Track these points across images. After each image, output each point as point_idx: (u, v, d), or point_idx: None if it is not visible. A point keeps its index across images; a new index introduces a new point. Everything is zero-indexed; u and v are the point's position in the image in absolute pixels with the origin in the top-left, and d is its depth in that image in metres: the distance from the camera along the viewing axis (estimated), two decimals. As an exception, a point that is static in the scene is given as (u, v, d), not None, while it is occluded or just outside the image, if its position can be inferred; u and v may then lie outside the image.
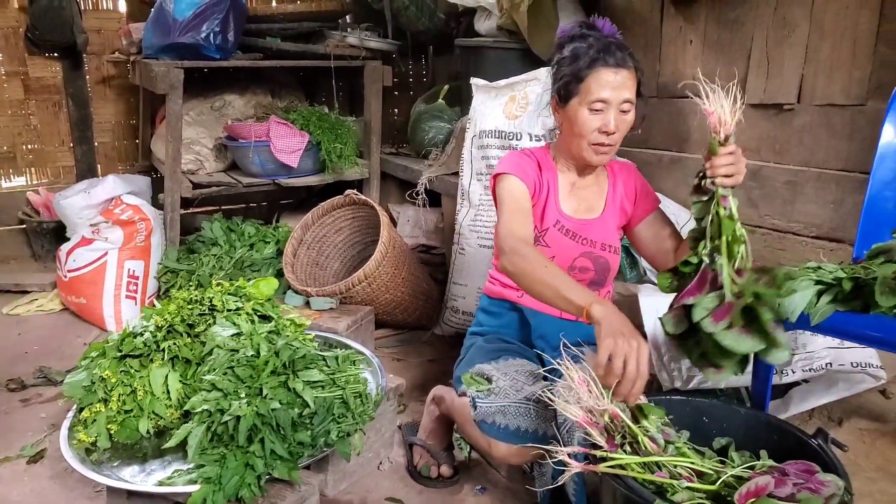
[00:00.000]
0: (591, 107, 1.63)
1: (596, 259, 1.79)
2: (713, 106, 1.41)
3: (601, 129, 1.64)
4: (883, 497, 1.67)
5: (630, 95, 1.64)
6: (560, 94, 1.70)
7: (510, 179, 1.72)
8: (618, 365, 1.26)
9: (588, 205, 1.82)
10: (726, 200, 1.42)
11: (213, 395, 1.56)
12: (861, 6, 2.30)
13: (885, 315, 1.33)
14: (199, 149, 3.35)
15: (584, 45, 1.66)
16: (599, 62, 1.62)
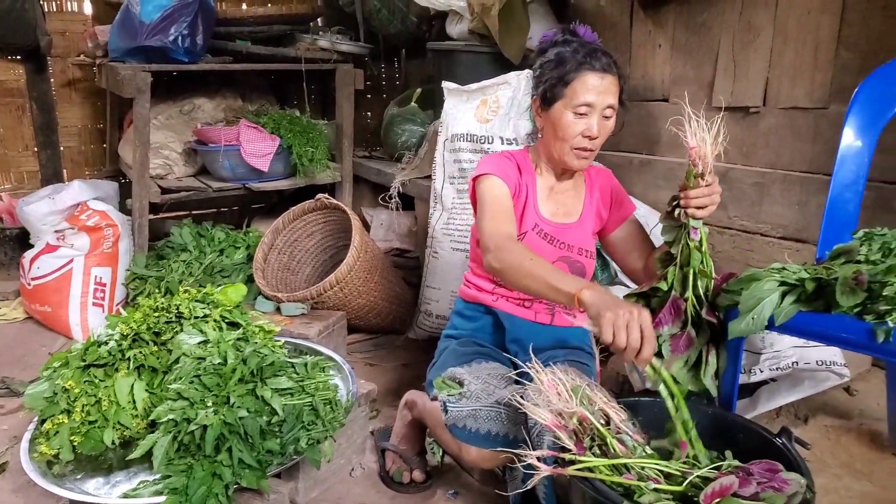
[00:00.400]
0: (576, 110, 1.65)
1: (573, 263, 1.80)
2: (694, 140, 1.43)
3: (584, 133, 1.66)
4: (847, 493, 1.69)
5: (614, 101, 1.67)
6: (545, 96, 1.70)
7: (491, 179, 1.72)
8: (622, 337, 1.27)
9: (566, 209, 1.82)
10: (696, 232, 1.47)
11: (179, 405, 1.53)
12: (822, 11, 2.34)
13: (846, 315, 1.35)
14: (167, 153, 3.30)
15: (568, 50, 1.67)
16: (586, 66, 1.64)
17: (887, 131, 1.81)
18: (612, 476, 1.20)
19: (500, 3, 2.85)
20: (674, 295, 1.50)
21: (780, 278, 1.47)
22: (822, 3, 2.34)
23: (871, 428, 1.95)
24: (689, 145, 1.44)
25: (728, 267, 2.66)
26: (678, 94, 2.87)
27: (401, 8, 3.63)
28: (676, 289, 1.51)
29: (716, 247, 2.71)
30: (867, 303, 1.35)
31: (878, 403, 2.02)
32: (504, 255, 1.53)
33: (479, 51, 3.05)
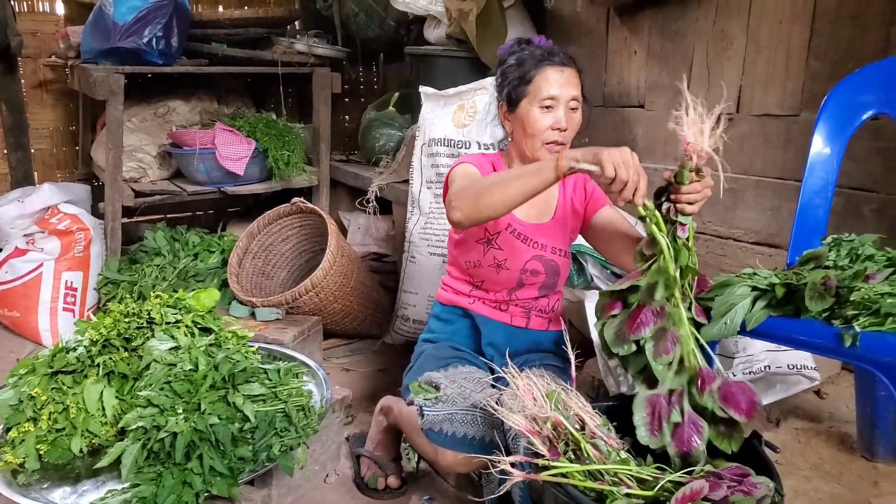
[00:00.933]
0: (542, 104, 1.68)
1: (547, 262, 1.80)
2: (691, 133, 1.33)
3: (553, 126, 1.68)
4: (817, 495, 1.71)
5: (577, 93, 1.71)
6: (510, 98, 1.74)
7: (465, 165, 1.74)
8: (623, 171, 1.31)
9: (539, 210, 1.83)
10: (684, 229, 1.39)
11: (148, 412, 1.51)
12: (793, 21, 2.38)
13: (815, 319, 1.36)
14: (141, 156, 3.27)
15: (526, 52, 1.73)
16: (545, 62, 1.69)
17: (855, 139, 1.84)
18: (585, 481, 1.20)
19: (477, 9, 2.86)
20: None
21: (752, 283, 1.48)
22: (792, 14, 2.38)
23: (841, 430, 1.97)
24: (685, 139, 1.34)
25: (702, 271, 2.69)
26: (653, 100, 2.90)
27: (378, 12, 3.62)
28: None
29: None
30: (835, 308, 1.36)
31: (848, 406, 2.05)
32: (465, 194, 1.52)
33: (457, 56, 3.06)
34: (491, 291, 1.80)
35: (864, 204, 2.24)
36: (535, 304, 1.82)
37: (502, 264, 1.75)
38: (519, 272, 1.76)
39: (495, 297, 1.80)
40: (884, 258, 1.45)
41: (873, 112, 1.77)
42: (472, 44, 2.92)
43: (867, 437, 1.85)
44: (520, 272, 1.76)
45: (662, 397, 1.28)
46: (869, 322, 1.28)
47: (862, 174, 2.23)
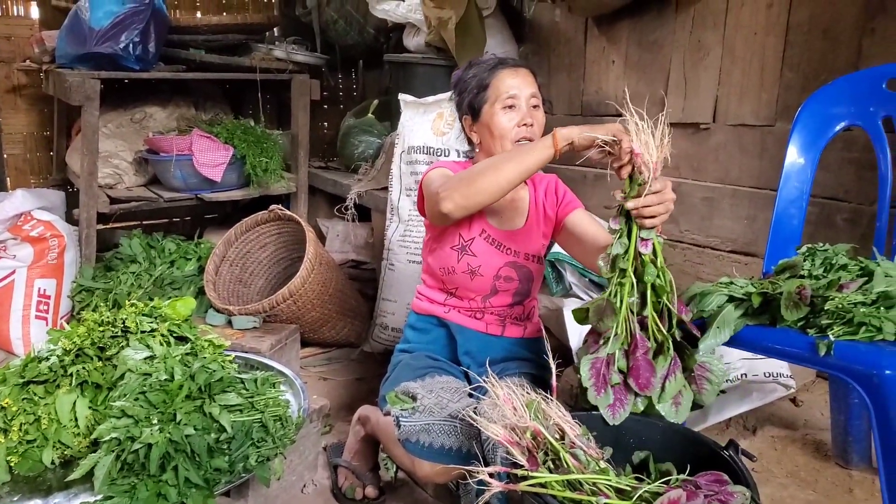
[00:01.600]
0: (504, 104, 1.70)
1: (520, 269, 1.81)
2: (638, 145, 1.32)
3: (520, 122, 1.70)
4: (793, 502, 1.73)
5: (535, 90, 1.73)
6: (472, 108, 1.76)
7: (439, 169, 1.76)
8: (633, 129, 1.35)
9: (511, 216, 1.83)
10: (645, 244, 1.35)
11: (122, 422, 1.48)
12: (767, 33, 2.41)
13: (791, 328, 1.38)
14: (117, 162, 3.23)
15: (479, 64, 1.77)
16: (499, 66, 1.74)
17: (828, 150, 1.87)
18: (564, 491, 1.19)
19: (456, 17, 2.87)
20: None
21: (728, 293, 1.50)
22: (767, 26, 2.42)
23: (816, 438, 2.00)
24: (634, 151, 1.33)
25: (680, 280, 2.71)
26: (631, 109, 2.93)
27: (358, 19, 3.62)
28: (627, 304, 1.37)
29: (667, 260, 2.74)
30: (810, 317, 1.38)
31: (823, 414, 2.08)
32: (454, 184, 1.54)
33: (436, 64, 3.06)
34: (465, 299, 1.80)
35: (838, 213, 2.27)
36: (509, 312, 1.82)
37: (476, 271, 1.75)
38: (492, 279, 1.76)
39: (470, 304, 1.80)
40: (857, 268, 1.47)
41: (846, 124, 1.80)
42: (451, 52, 2.93)
43: (841, 444, 1.87)
44: (493, 279, 1.76)
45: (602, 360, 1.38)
46: (843, 331, 1.29)
47: (835, 184, 2.27)
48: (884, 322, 1.26)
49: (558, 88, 3.26)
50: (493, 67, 1.74)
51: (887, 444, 1.19)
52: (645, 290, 1.37)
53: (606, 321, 1.37)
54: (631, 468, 1.41)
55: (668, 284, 1.37)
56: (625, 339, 1.38)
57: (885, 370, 1.17)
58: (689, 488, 1.14)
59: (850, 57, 2.21)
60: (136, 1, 2.76)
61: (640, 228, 1.36)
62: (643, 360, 1.37)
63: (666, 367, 1.38)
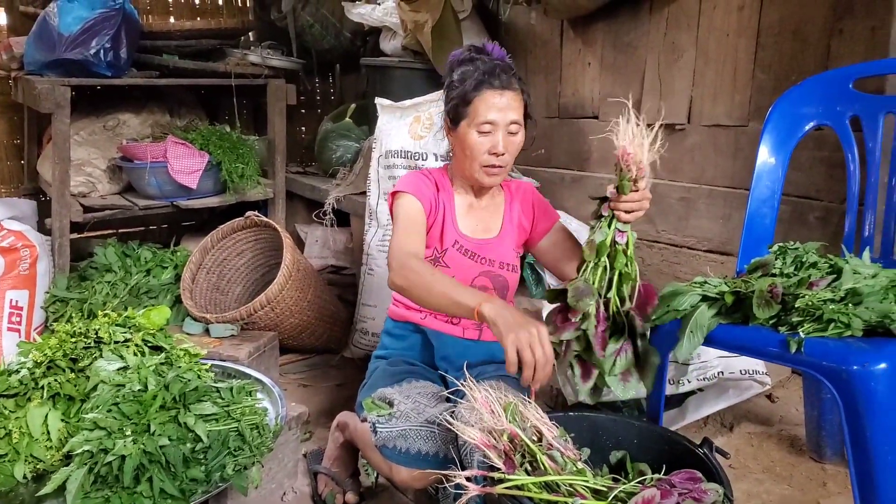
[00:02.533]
0: (479, 129, 1.66)
1: (495, 278, 1.81)
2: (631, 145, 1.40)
3: (490, 150, 1.67)
4: (769, 497, 1.75)
5: (517, 117, 1.68)
6: (450, 116, 1.72)
7: (406, 198, 1.73)
8: (528, 356, 1.31)
9: (485, 225, 1.83)
10: (622, 235, 1.47)
11: (95, 434, 1.46)
12: (739, 35, 2.44)
13: (763, 326, 1.39)
14: (90, 170, 3.19)
15: (471, 69, 1.69)
16: (485, 84, 1.65)
17: (800, 149, 1.89)
18: (541, 493, 1.20)
19: (432, 21, 2.87)
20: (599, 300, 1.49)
21: (702, 292, 1.51)
22: (739, 28, 2.45)
23: (791, 433, 2.02)
24: (624, 149, 1.41)
25: (657, 279, 2.74)
26: (607, 111, 2.95)
27: (334, 24, 3.61)
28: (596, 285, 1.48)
29: (645, 260, 2.78)
30: (781, 314, 1.40)
31: (797, 409, 2.10)
32: (407, 273, 1.54)
33: (413, 67, 3.06)
34: None
35: (809, 212, 2.30)
36: None
37: None
38: None
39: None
40: (826, 265, 1.49)
41: (815, 123, 1.83)
42: (427, 55, 2.93)
43: (815, 439, 1.89)
44: None
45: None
46: (813, 328, 1.31)
47: (806, 183, 2.30)
48: (852, 318, 1.28)
49: (535, 91, 3.27)
50: (480, 83, 1.65)
51: (856, 437, 1.20)
52: (613, 276, 1.48)
53: (585, 301, 1.45)
54: (608, 468, 1.42)
55: (633, 273, 1.48)
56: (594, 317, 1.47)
57: (852, 366, 1.19)
58: (664, 487, 1.15)
59: (820, 58, 2.24)
60: (106, 6, 2.72)
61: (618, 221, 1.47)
62: (601, 335, 1.47)
63: (619, 345, 1.48)
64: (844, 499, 1.71)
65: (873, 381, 1.19)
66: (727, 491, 1.15)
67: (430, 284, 1.49)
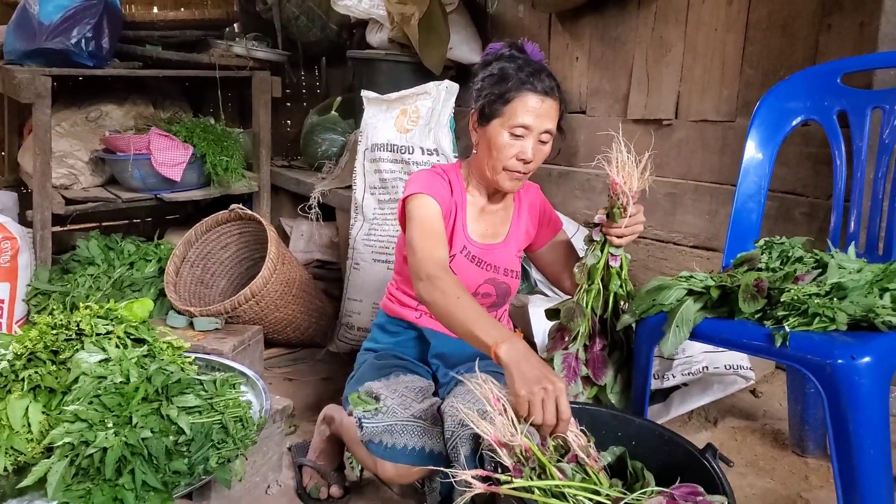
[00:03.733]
0: (513, 131, 1.60)
1: (499, 285, 1.80)
2: (620, 176, 1.47)
3: (518, 156, 1.61)
4: (752, 490, 1.76)
5: (552, 126, 1.63)
6: (482, 112, 1.64)
7: (425, 199, 1.65)
8: (538, 415, 1.21)
9: (494, 230, 1.81)
10: (615, 259, 1.55)
11: (76, 427, 1.44)
12: (728, 30, 2.45)
13: (748, 320, 1.39)
14: (73, 162, 3.15)
15: (513, 66, 1.62)
16: (528, 86, 1.59)
17: (786, 144, 1.90)
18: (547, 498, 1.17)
19: (419, 13, 2.85)
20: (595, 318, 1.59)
21: (688, 286, 1.51)
22: (727, 22, 2.45)
23: (775, 427, 2.03)
24: (614, 181, 1.47)
25: (643, 275, 2.74)
26: (595, 105, 2.94)
27: (320, 15, 3.59)
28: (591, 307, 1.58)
29: (631, 255, 2.78)
30: (767, 309, 1.40)
31: (781, 404, 2.11)
32: (434, 290, 1.47)
33: (400, 60, 3.05)
34: None
35: (796, 207, 2.31)
36: None
37: None
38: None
39: None
40: (812, 260, 1.49)
41: (802, 118, 1.83)
42: (414, 48, 2.91)
43: (798, 433, 1.90)
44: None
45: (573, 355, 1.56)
46: (798, 322, 1.31)
47: (793, 178, 2.31)
48: (837, 313, 1.28)
49: (522, 85, 3.26)
50: (523, 83, 1.58)
51: (839, 431, 1.21)
52: (608, 297, 1.56)
53: (576, 321, 1.55)
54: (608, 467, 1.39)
55: (627, 295, 1.58)
56: (585, 335, 1.56)
57: (837, 359, 1.19)
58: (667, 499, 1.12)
59: (808, 53, 2.25)
60: (87, -5, 2.69)
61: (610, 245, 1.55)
62: (599, 355, 1.56)
63: (619, 363, 1.58)
64: (826, 492, 1.72)
65: (857, 375, 1.19)
66: (731, 501, 1.13)
67: (454, 310, 1.42)
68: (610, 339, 1.59)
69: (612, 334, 1.59)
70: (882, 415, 1.23)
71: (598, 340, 1.56)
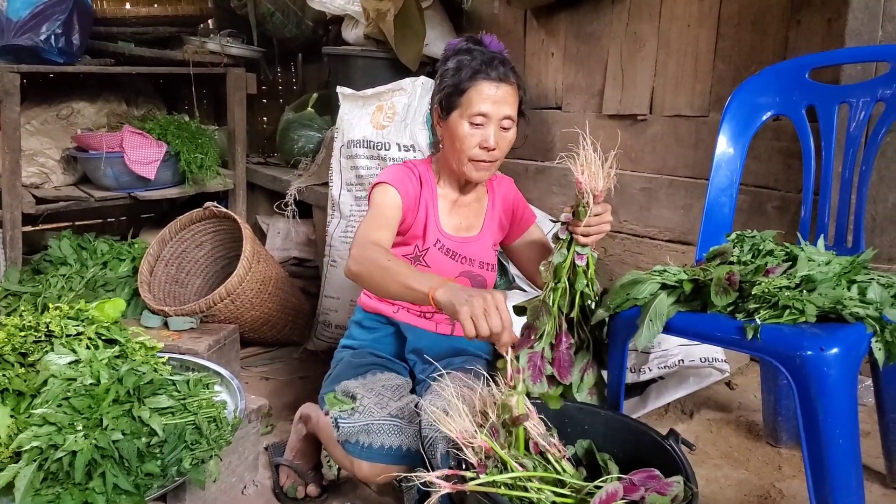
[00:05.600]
0: (472, 120, 1.62)
1: (474, 277, 1.80)
2: (584, 175, 1.46)
3: (481, 144, 1.63)
4: (727, 482, 1.77)
5: (511, 112, 1.65)
6: (441, 105, 1.68)
7: (386, 189, 1.68)
8: (483, 327, 1.25)
9: (468, 223, 1.81)
10: (581, 258, 1.53)
11: (44, 430, 1.42)
12: (700, 25, 2.46)
13: (720, 314, 1.40)
14: (43, 160, 3.10)
15: (468, 58, 1.64)
16: (481, 74, 1.62)
17: (758, 139, 1.92)
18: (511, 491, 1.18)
19: (395, 9, 2.84)
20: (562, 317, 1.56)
21: (661, 280, 1.52)
22: (700, 17, 2.46)
23: (749, 419, 2.05)
24: (577, 180, 1.47)
25: (619, 269, 2.76)
26: (570, 101, 2.95)
27: (295, 12, 3.56)
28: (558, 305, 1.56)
29: (608, 250, 2.80)
30: (739, 302, 1.41)
31: (755, 396, 2.13)
32: (362, 259, 1.50)
33: (376, 56, 3.03)
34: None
35: (768, 201, 2.34)
36: None
37: None
38: None
39: (420, 307, 1.78)
40: (782, 253, 1.51)
41: (772, 113, 1.84)
42: (390, 44, 2.90)
43: (771, 424, 1.92)
44: None
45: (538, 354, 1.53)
46: (768, 315, 1.32)
47: (765, 172, 2.33)
48: (806, 305, 1.30)
49: (498, 81, 3.26)
50: (476, 72, 1.62)
51: (809, 421, 1.22)
52: (575, 296, 1.54)
53: (542, 320, 1.53)
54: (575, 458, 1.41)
55: (594, 294, 1.56)
56: (552, 334, 1.54)
57: (806, 351, 1.21)
58: (627, 483, 1.14)
59: (778, 48, 2.27)
60: (57, -9, 2.65)
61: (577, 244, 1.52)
62: (566, 354, 1.54)
63: (585, 362, 1.57)
64: (799, 482, 1.74)
65: (826, 366, 1.21)
66: (692, 482, 1.15)
67: (386, 272, 1.45)
68: (577, 339, 1.58)
69: (578, 333, 1.58)
70: (850, 404, 1.25)
71: (565, 339, 1.55)
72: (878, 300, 1.32)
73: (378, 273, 1.46)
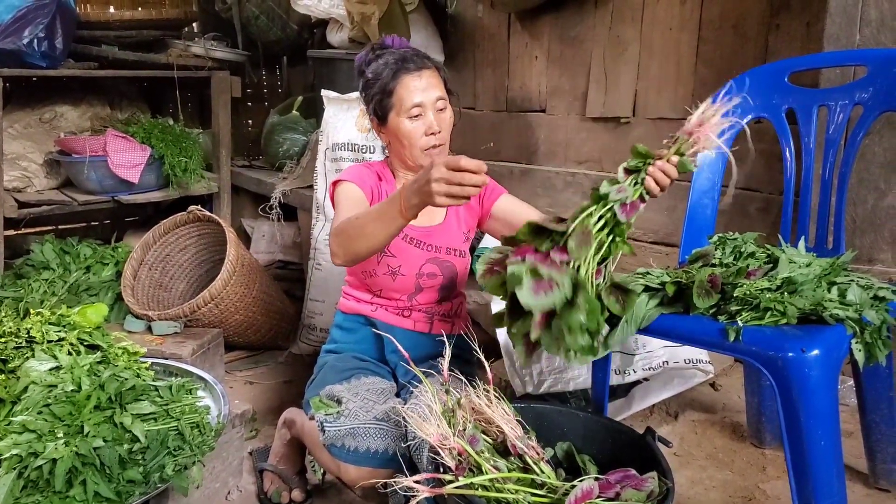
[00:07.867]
0: (409, 114, 1.66)
1: (442, 264, 1.80)
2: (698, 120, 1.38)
3: (427, 132, 1.67)
4: (711, 482, 1.78)
5: (441, 93, 1.69)
6: (377, 113, 1.71)
7: (346, 185, 1.71)
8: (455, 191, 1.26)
9: (429, 212, 1.81)
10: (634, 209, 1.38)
11: (24, 438, 1.40)
12: (682, 28, 2.48)
13: (703, 316, 1.41)
14: (26, 164, 3.07)
15: (381, 62, 1.69)
16: (402, 71, 1.66)
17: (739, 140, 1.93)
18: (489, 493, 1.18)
19: (379, 12, 2.84)
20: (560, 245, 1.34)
21: (644, 282, 1.53)
22: (681, 21, 2.48)
23: (733, 420, 2.06)
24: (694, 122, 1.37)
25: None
26: (554, 104, 2.96)
27: (280, 15, 3.55)
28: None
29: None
30: (721, 304, 1.42)
31: (739, 397, 2.15)
32: (338, 234, 1.52)
33: (360, 60, 3.02)
34: (391, 298, 1.78)
35: (750, 203, 2.36)
36: (437, 309, 1.81)
37: (397, 271, 1.73)
38: (415, 277, 1.75)
39: (397, 303, 1.79)
40: (764, 255, 1.52)
41: (753, 116, 1.86)
42: (375, 48, 2.89)
43: (755, 425, 1.94)
44: (416, 277, 1.75)
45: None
46: (750, 317, 1.33)
47: (747, 175, 2.35)
48: (787, 307, 1.31)
49: (484, 84, 3.27)
50: (396, 71, 1.66)
51: (791, 422, 1.23)
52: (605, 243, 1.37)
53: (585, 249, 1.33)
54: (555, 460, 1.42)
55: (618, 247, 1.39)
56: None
57: (787, 352, 1.22)
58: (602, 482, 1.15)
59: (759, 52, 2.29)
60: (39, -6, 2.63)
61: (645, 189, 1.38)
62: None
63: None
64: (783, 483, 1.75)
65: (807, 368, 1.21)
66: (668, 478, 1.16)
67: (357, 225, 1.46)
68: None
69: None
70: (831, 405, 1.26)
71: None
72: (857, 302, 1.33)
73: (353, 231, 1.48)
